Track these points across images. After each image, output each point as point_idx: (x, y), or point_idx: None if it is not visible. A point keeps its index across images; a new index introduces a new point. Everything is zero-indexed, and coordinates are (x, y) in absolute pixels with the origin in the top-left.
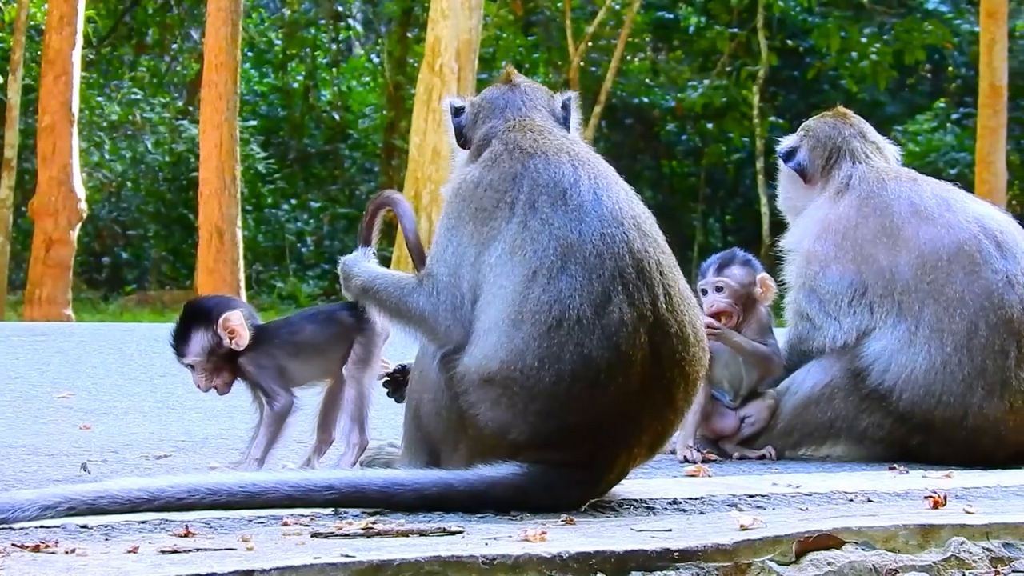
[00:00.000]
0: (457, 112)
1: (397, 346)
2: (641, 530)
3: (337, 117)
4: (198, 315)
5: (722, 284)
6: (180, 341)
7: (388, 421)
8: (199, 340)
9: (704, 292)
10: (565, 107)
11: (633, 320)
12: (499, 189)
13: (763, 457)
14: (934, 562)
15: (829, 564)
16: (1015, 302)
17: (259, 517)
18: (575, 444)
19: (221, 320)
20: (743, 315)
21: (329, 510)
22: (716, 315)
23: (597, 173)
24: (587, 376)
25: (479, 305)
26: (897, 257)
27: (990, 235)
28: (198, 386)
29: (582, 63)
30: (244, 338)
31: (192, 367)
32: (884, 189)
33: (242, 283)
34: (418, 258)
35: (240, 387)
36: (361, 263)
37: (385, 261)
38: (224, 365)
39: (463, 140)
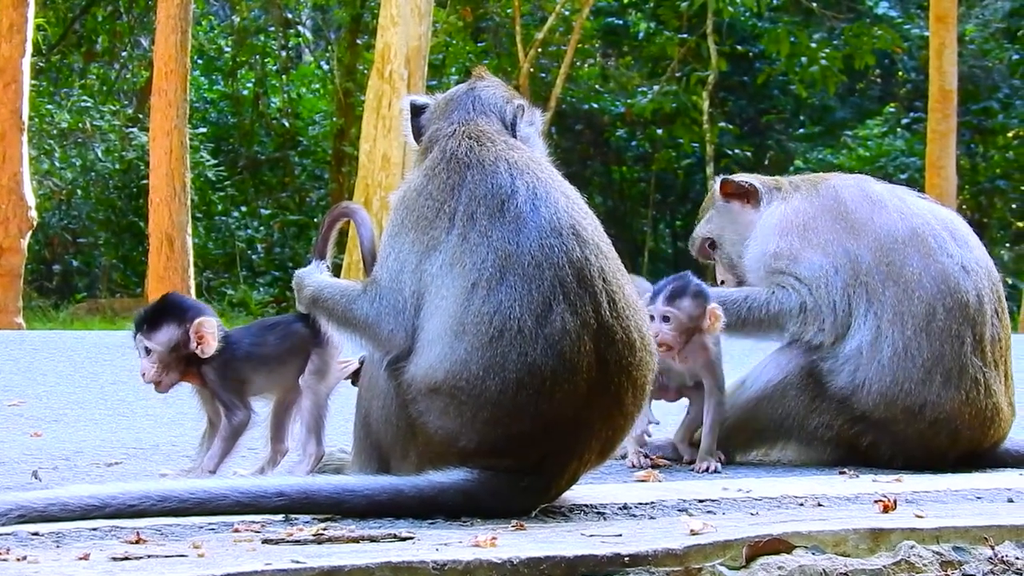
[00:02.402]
0: (418, 111)
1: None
2: (592, 535)
3: (287, 124)
4: (174, 309)
5: (670, 315)
6: (150, 326)
7: (338, 428)
8: (168, 332)
9: (651, 317)
10: (515, 113)
11: (576, 328)
12: (438, 199)
13: (714, 471)
14: (884, 566)
15: (779, 568)
16: (970, 289)
17: (210, 524)
18: (524, 451)
19: (196, 322)
20: (687, 344)
21: (280, 517)
22: (658, 345)
23: (536, 182)
24: (532, 384)
25: (423, 315)
26: (858, 242)
27: (941, 223)
28: (143, 374)
29: (532, 69)
30: (211, 348)
31: (148, 352)
32: (832, 182)
33: (192, 290)
34: (371, 269)
35: (187, 391)
36: (314, 275)
37: (336, 269)
38: (178, 366)
39: (420, 139)
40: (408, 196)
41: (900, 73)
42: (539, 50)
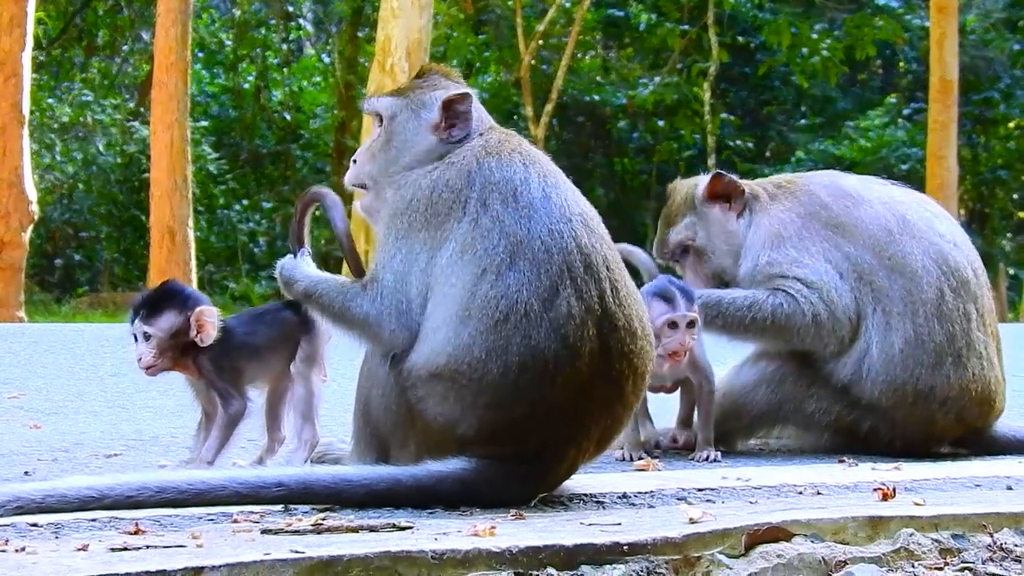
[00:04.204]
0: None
1: (343, 344)
2: (591, 524)
3: (288, 117)
4: (175, 296)
5: (695, 320)
6: (150, 311)
7: (337, 418)
8: (169, 319)
9: (674, 325)
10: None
11: (581, 313)
12: (455, 188)
13: (713, 460)
14: (883, 554)
15: (778, 556)
16: (965, 264)
17: (209, 514)
18: (523, 438)
19: (197, 311)
20: None
21: (279, 507)
22: (680, 354)
23: (547, 172)
24: (535, 367)
25: (429, 306)
26: (854, 242)
27: (920, 205)
28: (139, 358)
29: (533, 61)
30: (210, 337)
31: (147, 338)
32: (808, 186)
33: (195, 283)
34: (351, 255)
35: (182, 382)
36: (300, 267)
37: (338, 260)
38: (174, 353)
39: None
40: (420, 194)
41: (901, 64)
42: (540, 42)
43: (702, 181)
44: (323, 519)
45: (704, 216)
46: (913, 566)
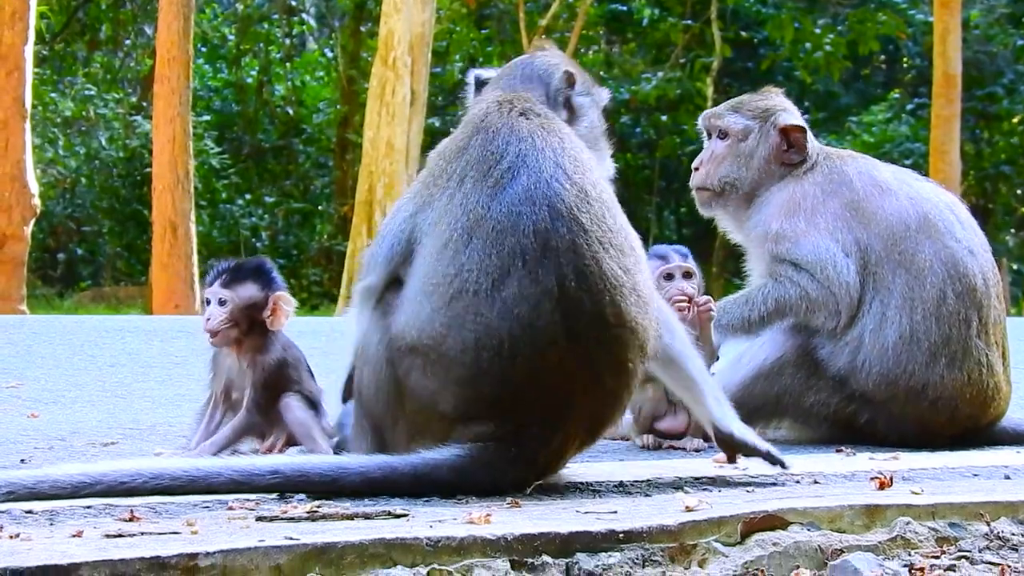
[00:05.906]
0: (481, 85)
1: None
2: (587, 512)
3: (291, 112)
4: (262, 272)
5: (693, 271)
6: (233, 278)
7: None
8: (250, 290)
9: (670, 276)
10: (562, 80)
11: (535, 295)
12: (446, 157)
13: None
14: (880, 542)
15: (775, 544)
16: (976, 272)
17: (204, 502)
18: (500, 416)
19: (278, 294)
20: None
21: (274, 495)
22: (684, 301)
23: (530, 149)
24: (491, 345)
25: (410, 270)
26: (868, 231)
27: (947, 206)
28: (208, 318)
29: None
30: (280, 324)
31: (222, 303)
32: (845, 165)
33: (196, 278)
34: None
35: (191, 374)
36: None
37: (340, 255)
38: (241, 326)
39: None
40: (432, 156)
41: (904, 59)
42: (543, 37)
43: (792, 114)
44: (318, 507)
45: (765, 136)
46: (910, 554)
